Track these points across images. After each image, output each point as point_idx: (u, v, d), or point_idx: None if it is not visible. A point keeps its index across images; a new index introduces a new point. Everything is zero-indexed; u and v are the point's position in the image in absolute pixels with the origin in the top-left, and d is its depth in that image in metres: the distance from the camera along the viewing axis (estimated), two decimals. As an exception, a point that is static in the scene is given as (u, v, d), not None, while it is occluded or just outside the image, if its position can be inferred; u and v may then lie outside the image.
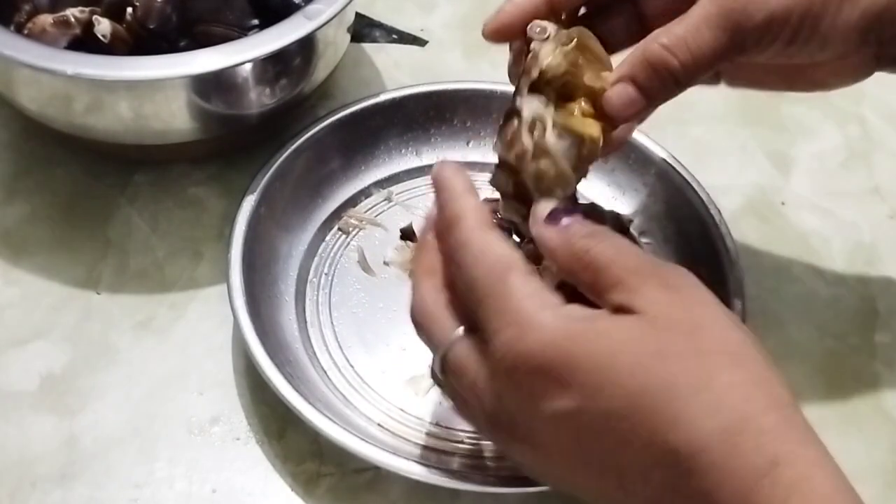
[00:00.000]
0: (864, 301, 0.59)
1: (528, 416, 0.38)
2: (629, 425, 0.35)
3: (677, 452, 0.34)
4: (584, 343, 0.36)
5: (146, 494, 0.49)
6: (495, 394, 0.38)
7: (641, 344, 0.36)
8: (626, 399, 0.35)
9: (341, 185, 0.61)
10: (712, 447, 0.34)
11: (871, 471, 0.52)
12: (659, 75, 0.43)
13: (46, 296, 0.56)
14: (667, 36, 0.43)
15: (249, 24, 0.62)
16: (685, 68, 0.43)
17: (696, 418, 0.34)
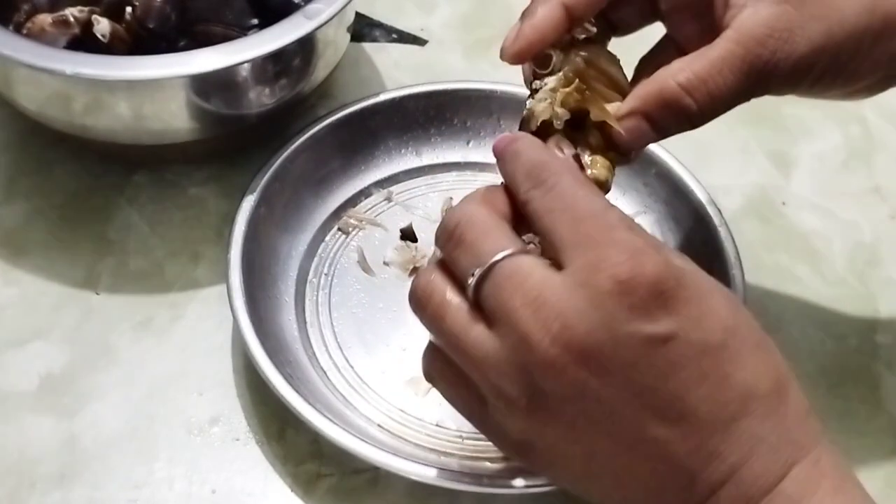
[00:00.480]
0: (865, 301, 0.59)
1: (613, 339, 0.35)
2: (714, 361, 0.35)
3: (752, 396, 0.36)
4: (691, 275, 0.36)
5: (145, 495, 0.49)
6: (573, 309, 0.35)
7: (722, 286, 0.37)
8: (720, 334, 0.36)
9: (341, 185, 0.61)
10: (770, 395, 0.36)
11: (872, 471, 0.52)
12: (674, 114, 0.42)
13: (46, 296, 0.56)
14: (685, 75, 0.41)
15: (249, 24, 0.62)
16: (702, 110, 0.42)
17: (764, 365, 0.37)
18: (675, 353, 0.35)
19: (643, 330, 0.34)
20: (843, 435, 0.53)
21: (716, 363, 0.35)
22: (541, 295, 0.35)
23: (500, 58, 0.43)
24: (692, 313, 0.35)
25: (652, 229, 0.59)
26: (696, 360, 0.35)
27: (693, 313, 0.35)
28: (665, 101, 0.42)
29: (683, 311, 0.35)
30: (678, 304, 0.35)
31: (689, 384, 0.35)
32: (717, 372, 0.35)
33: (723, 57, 0.41)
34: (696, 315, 0.35)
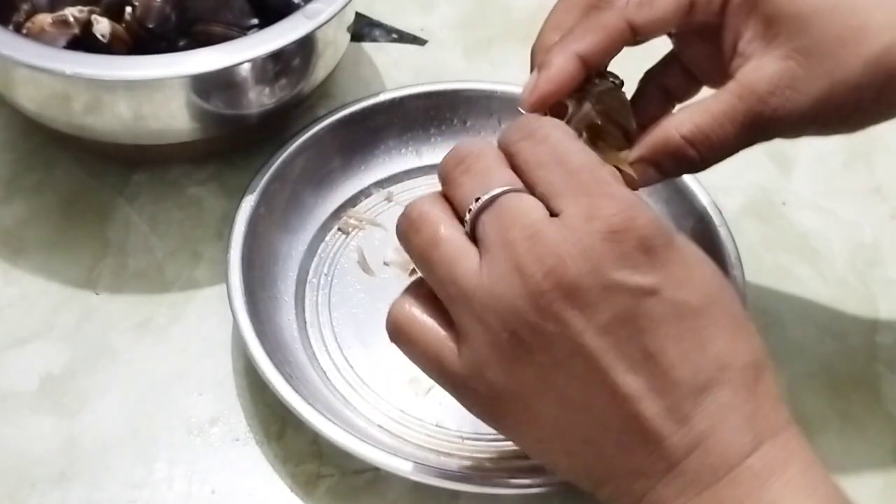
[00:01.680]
0: (865, 301, 0.59)
1: (600, 283, 0.35)
2: (693, 324, 0.36)
3: (727, 366, 0.36)
4: (681, 239, 0.37)
5: (145, 495, 0.49)
6: (567, 249, 0.35)
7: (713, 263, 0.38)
8: (702, 299, 0.36)
9: (341, 185, 0.61)
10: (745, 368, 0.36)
11: (872, 471, 0.52)
12: (678, 162, 0.44)
13: (45, 296, 0.56)
14: (688, 127, 0.43)
15: (249, 24, 0.62)
16: (704, 159, 0.44)
17: (741, 339, 0.37)
18: (656, 308, 0.36)
19: (629, 279, 0.35)
20: (843, 435, 0.53)
21: (694, 326, 0.36)
22: (539, 231, 0.36)
23: (519, 108, 0.44)
24: (677, 273, 0.36)
25: (652, 229, 0.59)
26: (676, 319, 0.36)
27: (678, 273, 0.36)
28: (670, 152, 0.43)
29: (669, 268, 0.36)
30: (665, 261, 0.36)
31: (666, 341, 0.36)
32: (695, 335, 0.36)
33: (725, 111, 0.43)
34: (680, 275, 0.36)
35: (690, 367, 0.36)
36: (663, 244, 0.36)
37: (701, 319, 0.36)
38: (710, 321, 0.36)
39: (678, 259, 0.36)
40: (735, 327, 0.37)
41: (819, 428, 0.53)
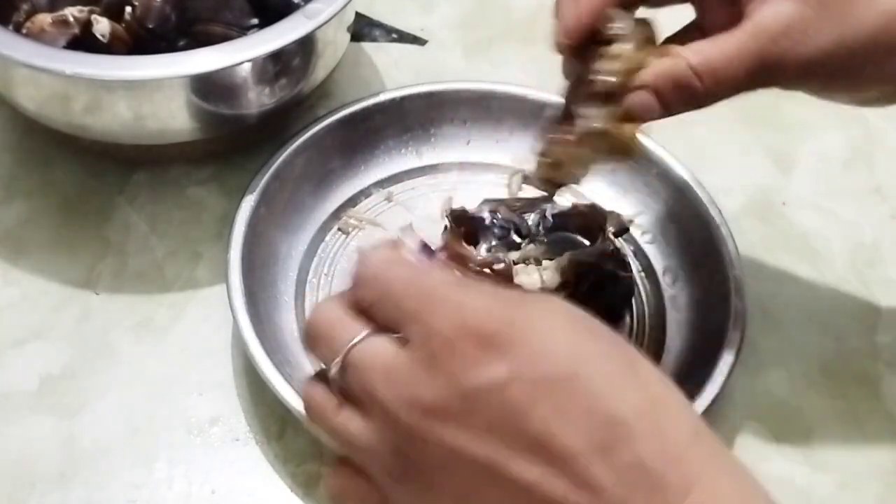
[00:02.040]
0: (866, 301, 0.59)
1: (458, 395, 0.35)
2: (567, 393, 0.34)
3: (621, 420, 0.34)
4: (524, 314, 0.35)
5: (145, 495, 0.49)
6: (419, 376, 0.35)
7: (576, 319, 0.36)
8: (567, 364, 0.34)
9: (341, 185, 0.61)
10: (642, 417, 0.34)
11: (872, 471, 0.52)
12: (681, 93, 0.44)
13: (45, 296, 0.56)
14: (698, 59, 0.43)
15: (248, 24, 0.62)
16: (708, 92, 0.44)
17: (629, 390, 0.34)
18: (520, 392, 0.34)
19: (480, 378, 0.34)
20: (843, 435, 0.53)
21: (569, 394, 0.34)
22: (392, 369, 0.36)
23: (555, 43, 0.45)
24: (527, 350, 0.34)
25: (652, 229, 0.59)
26: (547, 394, 0.34)
27: (528, 350, 0.34)
28: (675, 80, 0.44)
29: (517, 350, 0.34)
30: (509, 345, 0.34)
31: (548, 419, 0.34)
32: (574, 402, 0.34)
33: (737, 48, 0.43)
34: (532, 351, 0.34)
35: (583, 434, 0.33)
36: (501, 328, 0.35)
37: (574, 384, 0.34)
38: (585, 382, 0.34)
39: (523, 336, 0.35)
40: (618, 376, 0.35)
41: (819, 428, 0.53)
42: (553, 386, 0.34)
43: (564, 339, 0.35)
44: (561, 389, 0.34)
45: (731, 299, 0.52)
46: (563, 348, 0.35)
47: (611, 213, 0.59)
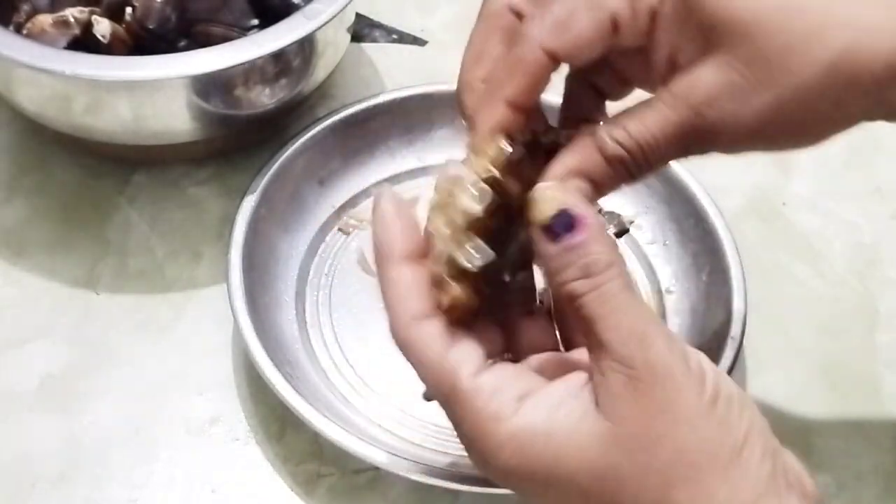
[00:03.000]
0: (865, 301, 0.59)
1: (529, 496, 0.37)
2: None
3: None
4: (538, 465, 0.35)
5: (145, 495, 0.49)
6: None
7: (591, 467, 0.34)
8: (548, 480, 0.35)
9: (341, 186, 0.61)
10: None
11: (872, 471, 0.52)
12: (609, 173, 0.39)
13: (46, 296, 0.56)
14: (622, 135, 0.38)
15: (249, 24, 0.62)
16: (639, 169, 0.39)
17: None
18: None
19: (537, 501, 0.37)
20: (843, 435, 0.53)
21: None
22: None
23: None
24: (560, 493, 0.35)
25: (652, 229, 0.59)
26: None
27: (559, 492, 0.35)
28: (605, 160, 0.38)
29: (551, 492, 0.35)
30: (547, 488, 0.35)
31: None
32: None
33: (658, 121, 0.38)
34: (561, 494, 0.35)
35: None
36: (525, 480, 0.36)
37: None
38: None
39: (546, 482, 0.35)
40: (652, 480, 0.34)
41: (819, 428, 0.53)
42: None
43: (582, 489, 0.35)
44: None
45: (731, 299, 0.52)
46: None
47: (611, 214, 0.59)
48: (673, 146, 0.38)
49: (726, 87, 0.37)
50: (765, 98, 0.36)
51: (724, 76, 0.37)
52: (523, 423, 0.35)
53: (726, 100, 0.37)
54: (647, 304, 0.37)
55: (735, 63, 0.36)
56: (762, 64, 0.36)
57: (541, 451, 0.35)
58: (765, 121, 0.37)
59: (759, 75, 0.36)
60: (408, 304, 0.37)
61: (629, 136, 0.38)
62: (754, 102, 0.37)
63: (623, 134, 0.38)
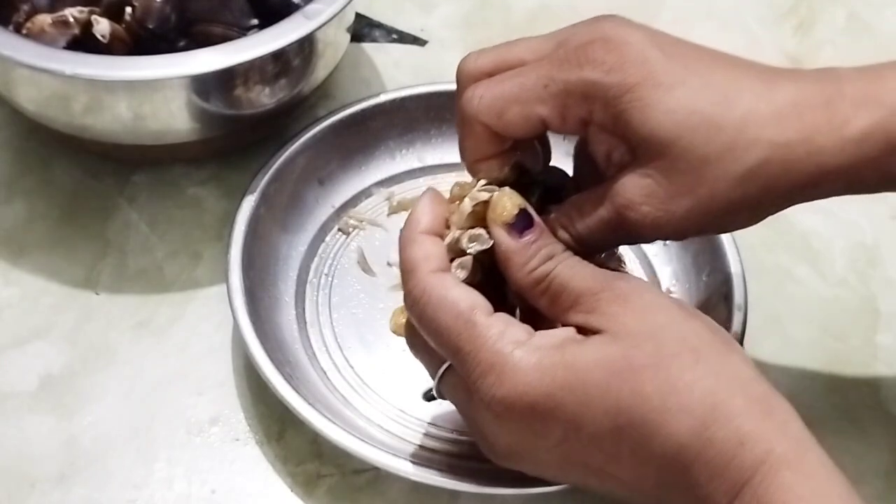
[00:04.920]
0: (866, 301, 0.59)
1: (524, 447, 0.40)
2: (614, 443, 0.37)
3: (662, 457, 0.37)
4: (557, 377, 0.38)
5: (145, 495, 0.49)
6: (487, 428, 0.40)
7: (607, 365, 0.37)
8: (605, 421, 0.37)
9: (341, 186, 0.61)
10: (690, 445, 0.36)
11: (872, 471, 0.52)
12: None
13: (45, 296, 0.56)
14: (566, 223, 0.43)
15: (249, 24, 0.62)
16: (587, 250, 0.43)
17: (670, 422, 0.36)
18: (576, 448, 0.38)
19: (540, 444, 0.39)
20: (843, 435, 0.53)
21: (617, 443, 0.38)
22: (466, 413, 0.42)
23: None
24: (571, 414, 0.38)
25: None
26: (602, 445, 0.38)
27: (572, 413, 0.38)
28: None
29: (560, 416, 0.38)
30: (555, 412, 0.38)
31: (608, 462, 0.38)
32: (625, 447, 0.38)
33: (592, 217, 0.42)
34: (575, 414, 0.38)
35: (635, 472, 0.38)
36: (541, 402, 0.38)
37: (616, 436, 0.37)
38: (623, 433, 0.37)
39: (563, 400, 0.38)
40: (647, 417, 0.37)
41: (819, 428, 0.53)
42: (600, 442, 0.38)
43: (598, 395, 0.37)
44: (608, 442, 0.38)
45: (731, 299, 0.52)
46: (599, 405, 0.38)
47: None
48: (606, 238, 0.42)
49: (646, 192, 0.40)
50: (684, 203, 0.40)
51: (645, 182, 0.40)
52: (539, 342, 0.39)
53: (645, 203, 0.40)
54: None
55: (656, 175, 0.40)
56: (679, 174, 0.40)
57: (557, 362, 0.38)
58: (687, 222, 0.41)
59: (677, 186, 0.40)
60: (431, 259, 0.41)
61: (571, 226, 0.42)
62: (675, 207, 0.40)
63: (567, 222, 0.43)
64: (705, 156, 0.39)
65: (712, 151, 0.39)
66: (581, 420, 0.37)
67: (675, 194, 0.40)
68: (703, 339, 0.38)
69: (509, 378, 0.38)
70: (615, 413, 0.37)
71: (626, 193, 0.41)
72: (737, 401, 0.37)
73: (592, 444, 0.38)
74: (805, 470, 0.36)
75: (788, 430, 0.37)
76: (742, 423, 0.36)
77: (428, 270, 0.41)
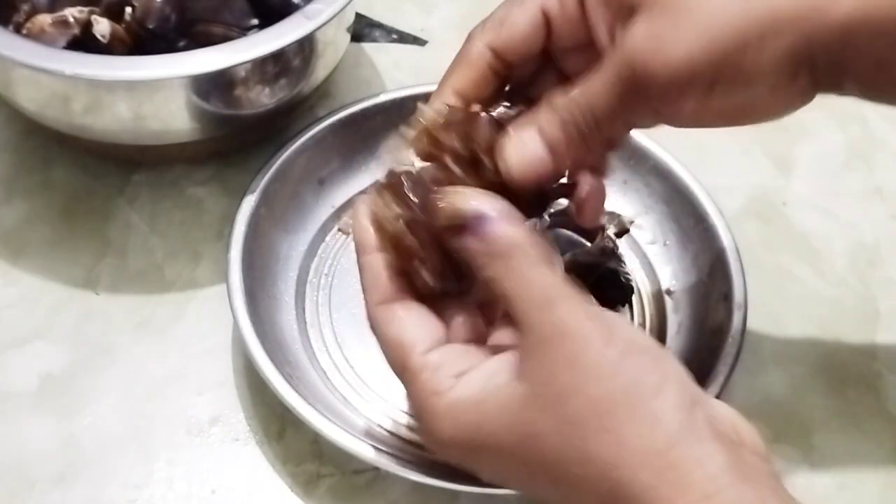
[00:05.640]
0: (866, 301, 0.59)
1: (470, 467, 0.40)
2: (531, 485, 0.38)
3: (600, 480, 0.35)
4: (471, 434, 0.38)
5: (145, 495, 0.49)
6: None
7: (516, 428, 0.37)
8: (519, 472, 0.38)
9: (341, 186, 0.61)
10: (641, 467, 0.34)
11: (872, 471, 0.52)
12: (568, 140, 0.42)
13: (45, 296, 0.56)
14: (564, 100, 0.41)
15: (249, 24, 0.62)
16: (592, 134, 0.41)
17: (572, 493, 0.36)
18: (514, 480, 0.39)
19: (482, 469, 0.40)
20: (843, 435, 0.53)
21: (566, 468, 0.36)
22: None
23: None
24: (490, 464, 0.39)
25: (652, 229, 0.59)
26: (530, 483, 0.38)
27: (490, 463, 0.38)
28: (560, 125, 0.42)
29: (484, 459, 0.38)
30: (478, 456, 0.38)
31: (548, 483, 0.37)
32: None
33: (598, 80, 0.41)
34: (493, 464, 0.38)
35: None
36: (466, 446, 0.38)
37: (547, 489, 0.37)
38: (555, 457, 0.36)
39: (487, 442, 0.37)
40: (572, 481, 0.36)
41: (819, 428, 0.53)
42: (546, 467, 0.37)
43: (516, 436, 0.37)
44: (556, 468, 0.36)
45: (731, 299, 0.52)
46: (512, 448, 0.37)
47: (611, 214, 0.59)
48: (616, 104, 0.40)
49: (652, 36, 0.39)
50: (688, 38, 0.39)
51: (649, 28, 0.39)
52: (457, 395, 0.38)
53: (654, 47, 0.39)
54: (559, 275, 0.38)
55: (657, 18, 0.39)
56: (686, 10, 0.39)
57: (470, 420, 0.37)
58: (694, 59, 0.39)
59: (683, 18, 0.39)
60: (376, 289, 0.41)
61: (578, 96, 0.41)
62: (680, 44, 0.39)
63: (572, 95, 0.41)
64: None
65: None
66: (501, 468, 0.38)
67: (678, 30, 0.39)
68: (620, 397, 0.35)
69: (430, 426, 0.39)
70: (525, 469, 0.37)
71: (632, 41, 0.39)
72: (642, 477, 0.34)
73: (522, 483, 0.38)
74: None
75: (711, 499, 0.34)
76: (647, 500, 0.34)
77: (374, 301, 0.41)
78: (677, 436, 0.34)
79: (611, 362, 0.36)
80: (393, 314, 0.41)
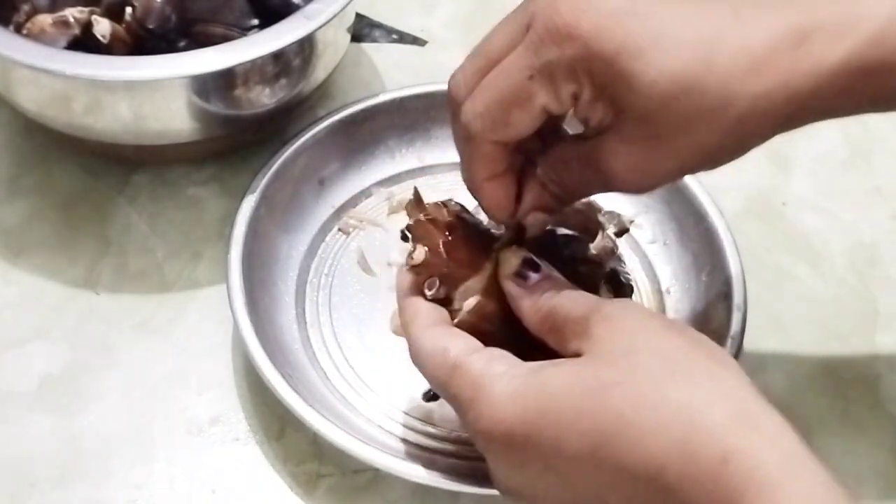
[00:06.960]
0: (865, 301, 0.59)
1: (518, 480, 0.40)
2: (595, 466, 0.36)
3: (646, 478, 0.35)
4: (530, 402, 0.38)
5: (145, 495, 0.49)
6: (488, 464, 0.41)
7: (578, 385, 0.37)
8: (583, 442, 0.36)
9: (341, 186, 0.61)
10: (671, 464, 0.35)
11: (872, 471, 0.52)
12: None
13: (46, 296, 0.56)
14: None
15: (249, 24, 0.62)
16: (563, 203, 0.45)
17: (647, 439, 0.35)
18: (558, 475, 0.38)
19: (521, 474, 0.39)
20: (843, 435, 0.53)
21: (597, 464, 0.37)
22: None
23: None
24: (547, 440, 0.38)
25: (652, 229, 0.59)
26: (583, 467, 0.37)
27: (548, 439, 0.37)
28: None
29: (536, 444, 0.38)
30: (530, 440, 0.38)
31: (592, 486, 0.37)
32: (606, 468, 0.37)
33: (580, 175, 0.43)
34: (552, 440, 0.37)
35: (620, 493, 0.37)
36: (518, 431, 0.38)
37: (595, 456, 0.37)
38: (602, 452, 0.36)
39: (538, 427, 0.38)
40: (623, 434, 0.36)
41: (819, 428, 0.53)
42: (581, 464, 0.37)
43: (572, 416, 0.37)
44: (588, 464, 0.37)
45: (731, 299, 0.52)
46: (575, 426, 0.37)
47: (611, 214, 0.59)
48: (591, 192, 0.45)
49: (633, 166, 0.41)
50: (667, 167, 0.41)
51: (632, 154, 0.41)
52: (516, 371, 0.39)
53: (632, 173, 0.41)
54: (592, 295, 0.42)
55: (641, 142, 0.41)
56: (665, 141, 0.40)
57: (530, 388, 0.38)
58: (667, 178, 0.43)
59: (662, 151, 0.41)
60: (421, 316, 0.43)
61: (558, 180, 0.44)
62: (658, 171, 0.42)
63: (555, 177, 0.44)
64: (689, 119, 0.39)
65: (695, 114, 0.39)
66: (559, 443, 0.37)
67: (660, 158, 0.41)
68: (684, 353, 0.37)
69: (486, 410, 0.38)
70: (592, 433, 0.36)
71: (612, 164, 0.41)
72: (716, 414, 0.35)
73: (576, 468, 0.37)
74: (798, 490, 0.33)
75: (779, 445, 0.35)
76: (724, 437, 0.34)
77: (421, 326, 0.43)
78: (747, 391, 0.37)
79: (673, 328, 0.39)
80: (442, 330, 0.42)
